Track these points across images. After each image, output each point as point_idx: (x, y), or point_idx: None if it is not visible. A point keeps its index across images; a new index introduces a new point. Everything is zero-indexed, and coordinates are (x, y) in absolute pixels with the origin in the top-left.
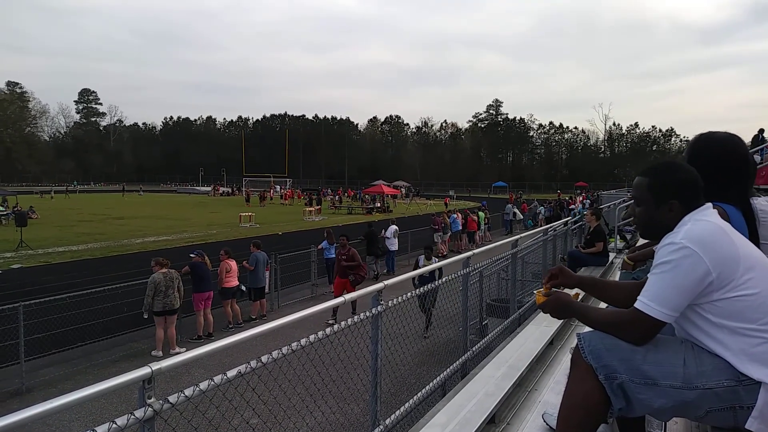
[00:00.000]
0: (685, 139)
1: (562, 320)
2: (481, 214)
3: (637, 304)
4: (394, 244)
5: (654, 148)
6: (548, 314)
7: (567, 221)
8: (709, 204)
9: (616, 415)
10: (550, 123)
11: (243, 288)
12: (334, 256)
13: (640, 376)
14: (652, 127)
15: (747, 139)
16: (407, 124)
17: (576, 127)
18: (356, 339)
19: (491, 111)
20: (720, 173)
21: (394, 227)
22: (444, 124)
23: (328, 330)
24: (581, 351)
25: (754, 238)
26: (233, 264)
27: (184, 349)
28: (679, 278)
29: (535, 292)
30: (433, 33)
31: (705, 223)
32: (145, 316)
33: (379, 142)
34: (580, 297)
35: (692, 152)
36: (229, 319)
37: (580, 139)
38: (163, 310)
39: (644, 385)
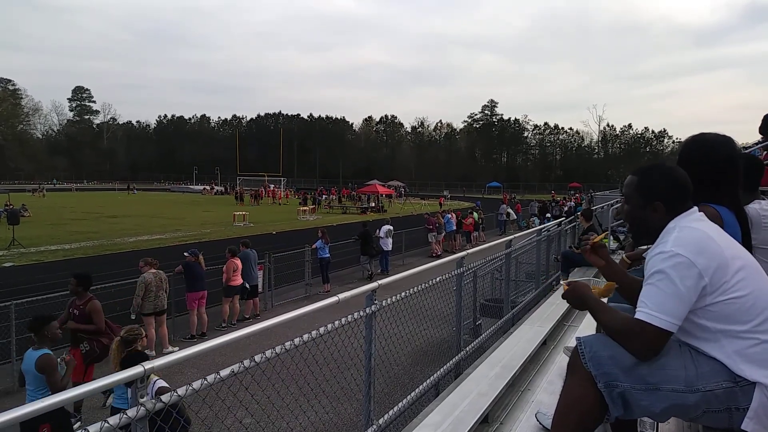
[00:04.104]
0: (678, 140)
1: (555, 320)
2: (475, 214)
3: (640, 316)
4: (388, 244)
5: (647, 149)
6: (549, 311)
7: (561, 221)
8: (695, 208)
9: (612, 420)
10: (545, 124)
11: (247, 286)
12: (328, 255)
13: (641, 382)
14: (645, 128)
15: (750, 140)
16: (402, 124)
17: (570, 128)
18: (350, 338)
19: (486, 111)
20: (708, 174)
21: (388, 227)
22: (438, 125)
23: (321, 329)
24: (581, 356)
25: (746, 239)
26: (239, 262)
27: (177, 348)
28: (676, 286)
29: (562, 282)
30: (430, 34)
31: (691, 229)
32: (133, 317)
33: (374, 141)
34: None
35: (682, 154)
36: (225, 318)
37: (575, 140)
38: (153, 311)
39: (646, 391)
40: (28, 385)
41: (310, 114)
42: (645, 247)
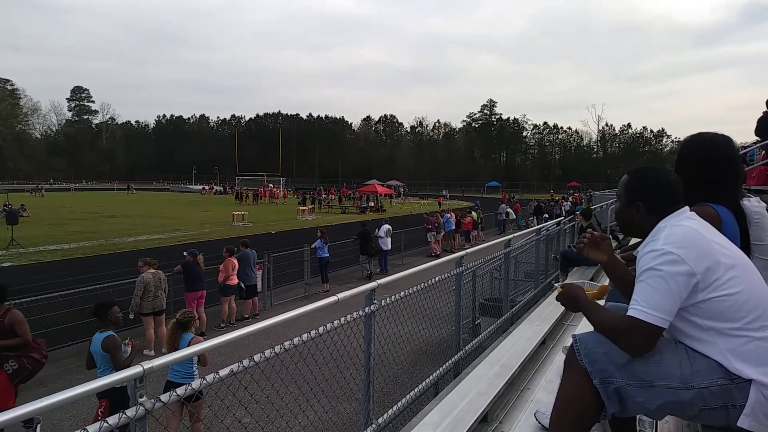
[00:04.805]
0: (677, 139)
1: (554, 320)
2: (474, 213)
3: (631, 312)
4: (387, 244)
5: (646, 149)
6: (548, 310)
7: (560, 221)
8: (686, 208)
9: (609, 417)
10: (544, 123)
11: (243, 286)
12: (327, 255)
13: (636, 379)
14: (644, 128)
15: (748, 139)
16: (401, 124)
17: (569, 128)
18: (349, 338)
19: (485, 111)
20: (707, 174)
21: (387, 226)
22: (437, 124)
23: (321, 329)
24: (576, 353)
25: (744, 238)
26: (236, 262)
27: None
28: (666, 282)
29: (555, 285)
30: (430, 34)
31: (681, 227)
32: (131, 317)
33: (373, 141)
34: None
35: (681, 154)
36: (223, 317)
37: (574, 140)
38: (152, 311)
39: (641, 387)
40: (97, 366)
41: (310, 114)
42: (637, 250)
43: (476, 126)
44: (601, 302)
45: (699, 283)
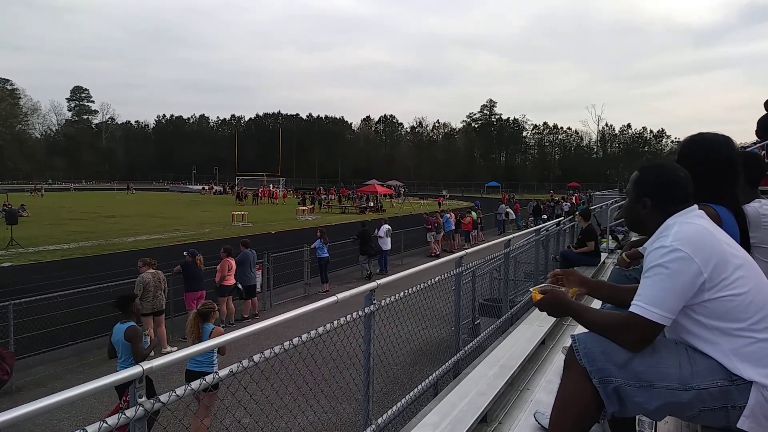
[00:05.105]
0: (677, 139)
1: (554, 320)
2: (473, 213)
3: (633, 309)
4: (387, 244)
5: (646, 149)
6: (544, 312)
7: (560, 221)
8: (695, 206)
9: (608, 417)
10: (544, 123)
11: (239, 287)
12: (327, 255)
13: (635, 378)
14: (643, 128)
15: (748, 139)
16: (401, 124)
17: (569, 128)
18: (348, 338)
19: (485, 111)
20: (706, 174)
21: (386, 226)
22: (437, 124)
23: (320, 329)
24: (575, 353)
25: (745, 239)
26: (233, 262)
27: (176, 348)
28: (672, 280)
29: (531, 289)
30: (430, 33)
31: (691, 225)
32: None
33: (373, 141)
34: (575, 296)
35: (681, 154)
36: (222, 318)
37: (573, 140)
38: (151, 311)
39: (639, 387)
40: (118, 355)
41: (309, 114)
42: (644, 246)
43: (476, 126)
44: (597, 304)
45: (706, 282)
